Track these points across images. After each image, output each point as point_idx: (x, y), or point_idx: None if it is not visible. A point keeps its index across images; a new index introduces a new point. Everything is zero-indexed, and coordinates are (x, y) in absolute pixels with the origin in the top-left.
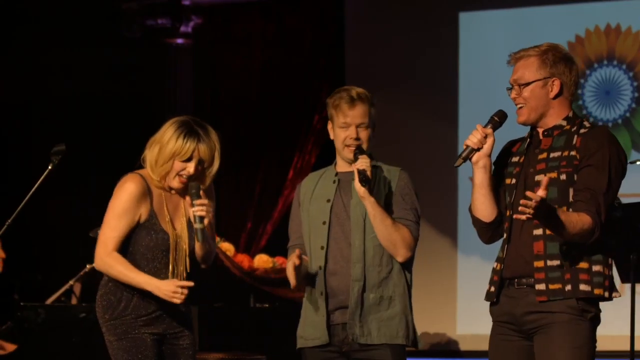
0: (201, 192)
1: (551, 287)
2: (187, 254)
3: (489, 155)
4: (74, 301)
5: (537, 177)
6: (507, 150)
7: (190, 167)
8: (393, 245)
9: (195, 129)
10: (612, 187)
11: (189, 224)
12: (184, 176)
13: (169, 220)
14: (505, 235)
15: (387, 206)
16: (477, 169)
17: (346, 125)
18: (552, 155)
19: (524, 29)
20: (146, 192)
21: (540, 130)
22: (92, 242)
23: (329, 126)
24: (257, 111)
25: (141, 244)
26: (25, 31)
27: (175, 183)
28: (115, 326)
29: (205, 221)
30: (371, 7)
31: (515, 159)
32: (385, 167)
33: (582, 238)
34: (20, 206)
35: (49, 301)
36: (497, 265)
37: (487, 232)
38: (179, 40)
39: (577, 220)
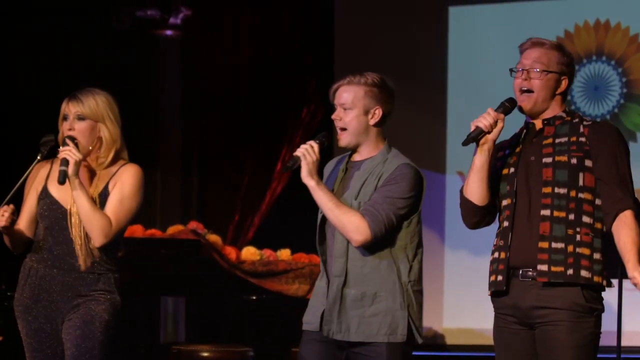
0: (69, 142)
1: (553, 269)
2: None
3: (495, 141)
4: None
5: (545, 160)
6: (497, 146)
7: (66, 125)
8: (342, 230)
9: (75, 92)
10: (630, 174)
11: (101, 197)
12: (65, 137)
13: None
14: (507, 223)
15: None
16: (481, 152)
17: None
18: (557, 140)
19: (513, 24)
20: (41, 165)
21: (537, 121)
22: None
23: None
24: (246, 103)
25: (39, 213)
26: (14, 21)
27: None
28: (15, 308)
29: (70, 168)
30: (361, 1)
31: (509, 150)
32: (391, 158)
33: None
34: (9, 196)
35: None
36: (501, 254)
37: (476, 216)
38: (168, 32)
39: (633, 227)
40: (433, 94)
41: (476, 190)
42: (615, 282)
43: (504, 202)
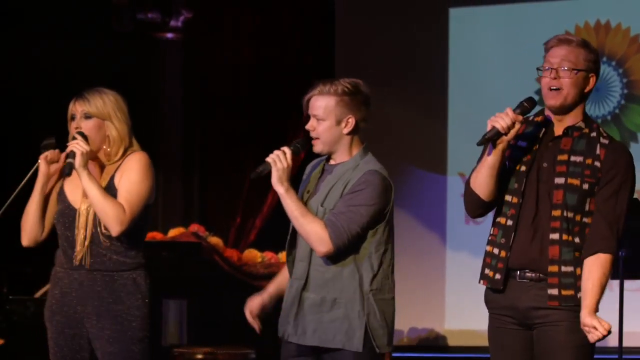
0: (78, 136)
1: (564, 293)
2: (99, 223)
3: (510, 141)
4: None
5: (557, 180)
6: None
7: (74, 124)
8: (306, 240)
9: (82, 92)
10: (626, 211)
11: (108, 190)
12: (74, 134)
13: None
14: (510, 222)
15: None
16: (496, 152)
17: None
18: (573, 158)
19: (513, 25)
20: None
21: (557, 124)
22: None
23: None
24: (246, 103)
25: (56, 216)
26: (16, 23)
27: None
28: (44, 313)
29: (77, 159)
30: (361, 2)
31: (525, 144)
32: (363, 164)
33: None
34: (10, 199)
35: (38, 295)
36: (501, 252)
37: (480, 208)
38: (169, 35)
39: (605, 272)
40: (433, 95)
41: (484, 186)
42: (616, 282)
43: (509, 198)
